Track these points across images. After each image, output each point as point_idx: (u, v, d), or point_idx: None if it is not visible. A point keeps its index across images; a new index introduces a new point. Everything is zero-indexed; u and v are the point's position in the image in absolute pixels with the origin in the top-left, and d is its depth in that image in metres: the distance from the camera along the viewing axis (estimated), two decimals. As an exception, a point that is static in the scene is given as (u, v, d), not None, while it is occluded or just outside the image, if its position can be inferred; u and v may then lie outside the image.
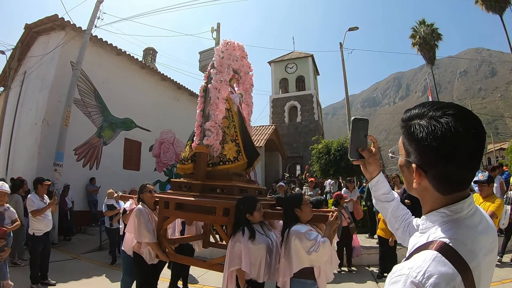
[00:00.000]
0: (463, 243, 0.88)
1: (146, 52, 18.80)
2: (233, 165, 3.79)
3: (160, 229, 3.80)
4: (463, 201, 0.95)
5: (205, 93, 4.04)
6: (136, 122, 13.72)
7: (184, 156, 4.11)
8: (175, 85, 16.10)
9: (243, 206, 3.19)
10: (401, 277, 0.82)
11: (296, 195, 3.54)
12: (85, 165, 11.39)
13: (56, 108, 10.21)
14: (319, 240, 2.93)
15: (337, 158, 12.68)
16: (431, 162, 0.91)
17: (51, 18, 10.51)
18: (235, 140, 3.91)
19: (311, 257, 2.91)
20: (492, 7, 21.38)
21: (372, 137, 1.44)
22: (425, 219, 1.01)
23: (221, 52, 4.00)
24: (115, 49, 12.47)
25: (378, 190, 1.55)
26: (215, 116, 3.81)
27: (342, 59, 19.46)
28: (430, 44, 27.16)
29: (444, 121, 0.88)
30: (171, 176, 15.36)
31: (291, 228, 3.05)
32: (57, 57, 10.61)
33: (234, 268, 3.01)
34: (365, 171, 1.54)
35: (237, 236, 3.06)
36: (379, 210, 1.63)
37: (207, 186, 3.77)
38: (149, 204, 4.01)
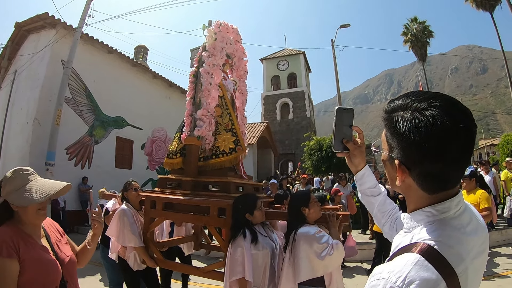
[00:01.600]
0: (449, 245, 0.81)
1: (138, 50, 18.79)
2: (229, 157, 3.40)
3: (147, 232, 3.41)
4: (450, 199, 0.88)
5: (195, 78, 3.68)
6: (128, 121, 13.77)
7: (172, 150, 3.73)
8: (166, 83, 16.18)
9: (242, 205, 2.83)
10: (380, 281, 0.77)
11: (303, 192, 3.19)
12: (77, 164, 11.43)
13: (47, 107, 10.22)
14: (331, 242, 2.60)
15: (329, 154, 12.90)
16: (415, 159, 0.84)
17: (42, 16, 10.50)
18: (232, 129, 3.53)
19: (325, 262, 2.54)
20: (483, 5, 21.64)
21: (357, 128, 1.35)
22: (409, 218, 0.95)
23: (213, 34, 3.62)
24: (106, 47, 12.48)
25: (364, 183, 1.49)
26: (208, 104, 3.46)
27: (333, 56, 19.68)
28: (422, 41, 27.49)
29: (430, 114, 0.80)
30: (163, 174, 15.37)
31: (297, 230, 2.69)
32: (47, 56, 10.61)
33: (236, 278, 2.60)
34: (350, 163, 1.45)
35: (238, 241, 2.67)
36: (365, 204, 1.55)
37: (199, 183, 3.43)
38: (134, 204, 3.64)
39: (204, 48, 3.67)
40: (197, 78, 3.65)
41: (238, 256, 2.62)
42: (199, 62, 3.69)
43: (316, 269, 2.57)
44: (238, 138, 3.48)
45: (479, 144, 57.14)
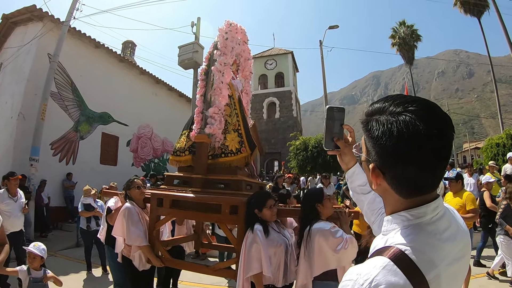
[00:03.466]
0: (421, 251, 0.82)
1: (125, 45, 18.74)
2: (236, 157, 3.44)
3: (153, 230, 3.42)
4: (426, 205, 0.88)
5: (206, 76, 3.70)
6: (114, 117, 13.80)
7: (179, 147, 3.70)
8: (153, 79, 16.23)
9: (253, 200, 2.97)
10: (349, 282, 0.80)
11: (316, 189, 3.32)
12: (61, 160, 11.45)
13: (33, 101, 10.19)
14: (345, 237, 2.73)
15: (314, 154, 13.20)
16: (388, 163, 0.85)
17: (29, 9, 10.47)
18: (238, 130, 3.57)
19: (340, 256, 2.67)
20: (471, 10, 22.14)
21: (348, 126, 1.38)
22: (386, 221, 0.95)
23: (224, 33, 3.68)
24: (94, 42, 12.50)
25: (354, 181, 1.53)
26: (219, 103, 3.50)
27: (321, 57, 19.99)
28: (410, 45, 28.13)
29: (402, 119, 0.81)
30: (148, 171, 15.48)
31: (312, 226, 2.81)
32: (34, 49, 10.60)
33: (253, 273, 2.70)
34: (341, 161, 1.50)
35: (253, 237, 2.77)
36: (355, 202, 1.60)
37: (209, 180, 3.43)
38: (138, 202, 3.60)
39: (216, 46, 3.69)
40: (207, 76, 3.68)
41: (253, 252, 2.71)
42: (210, 60, 3.72)
43: (329, 262, 2.71)
44: (243, 139, 3.52)
45: (464, 147, 58.67)
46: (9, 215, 5.20)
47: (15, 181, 5.44)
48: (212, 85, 3.58)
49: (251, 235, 2.79)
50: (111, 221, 3.89)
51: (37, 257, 3.26)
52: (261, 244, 2.72)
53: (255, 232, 2.78)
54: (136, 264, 3.45)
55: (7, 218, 5.01)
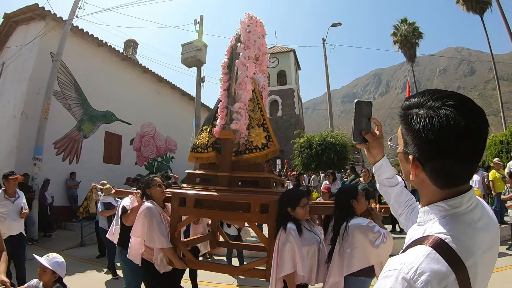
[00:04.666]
0: (459, 240, 0.85)
1: (127, 44, 18.68)
2: (262, 153, 3.29)
3: (174, 231, 3.29)
4: (462, 195, 0.91)
5: (229, 70, 3.57)
6: (117, 115, 13.74)
7: (200, 143, 3.55)
8: (156, 78, 16.16)
9: (286, 198, 2.91)
10: (393, 272, 0.82)
11: (351, 186, 3.35)
12: (64, 159, 11.37)
13: (35, 100, 10.15)
14: (382, 231, 2.73)
15: (318, 152, 13.10)
16: (428, 155, 0.89)
17: (31, 8, 10.40)
18: (263, 125, 3.44)
19: (379, 251, 2.66)
20: (473, 8, 22.00)
21: (376, 120, 1.41)
22: (423, 212, 0.99)
23: (247, 26, 3.56)
24: (96, 40, 12.42)
25: (382, 174, 1.55)
26: (244, 97, 3.40)
27: (324, 55, 19.91)
28: (411, 42, 27.91)
29: (443, 113, 0.85)
30: (152, 170, 15.45)
31: (349, 222, 2.79)
32: (36, 48, 10.53)
33: (286, 273, 2.65)
34: (369, 155, 1.53)
35: (286, 236, 2.70)
36: (382, 194, 1.62)
37: (236, 178, 3.28)
38: (159, 201, 3.43)
39: (238, 39, 3.57)
40: (230, 70, 3.54)
41: (286, 252, 2.65)
42: (231, 54, 3.61)
43: (369, 258, 2.70)
44: (269, 133, 3.40)
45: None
46: (5, 217, 4.86)
47: (13, 181, 5.04)
48: (236, 79, 3.46)
49: (284, 234, 2.72)
50: (126, 221, 3.72)
51: (47, 270, 2.70)
52: (295, 243, 2.66)
53: (289, 231, 2.71)
54: (158, 267, 3.30)
55: (2, 221, 4.76)
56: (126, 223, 3.72)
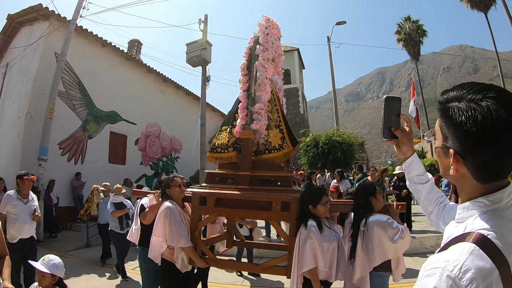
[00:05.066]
0: (502, 235, 0.83)
1: (131, 44, 18.61)
2: (279, 153, 3.35)
3: (195, 230, 3.34)
4: (502, 190, 0.90)
5: (249, 71, 3.62)
6: (122, 115, 13.66)
7: (220, 143, 3.59)
8: (160, 77, 16.07)
9: (308, 196, 2.98)
10: (436, 270, 0.80)
11: (369, 184, 3.39)
12: (69, 159, 11.30)
13: (40, 101, 10.08)
14: (401, 227, 2.81)
15: (325, 151, 12.99)
16: (470, 148, 0.87)
17: (35, 8, 10.33)
18: (279, 126, 3.50)
19: (397, 246, 2.76)
20: (477, 5, 21.90)
21: (405, 116, 1.41)
22: (462, 209, 0.97)
23: (265, 28, 3.62)
24: (100, 40, 12.34)
25: (412, 171, 1.52)
26: (264, 98, 3.47)
27: (329, 53, 19.71)
28: (415, 40, 27.85)
29: (485, 105, 0.83)
30: (157, 170, 15.37)
31: (368, 219, 2.89)
32: (40, 49, 10.46)
33: (307, 269, 2.72)
34: (398, 151, 1.51)
35: (307, 232, 2.77)
36: (412, 192, 1.61)
37: (256, 177, 3.33)
38: (178, 201, 3.46)
39: (257, 41, 3.62)
40: (250, 71, 3.60)
41: (307, 248, 2.73)
42: (250, 56, 3.66)
43: (387, 252, 2.79)
44: (284, 135, 3.45)
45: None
46: (16, 218, 4.62)
47: (29, 182, 4.82)
48: (255, 80, 3.51)
49: (305, 231, 2.79)
50: (144, 219, 3.74)
51: (46, 274, 2.58)
52: (316, 239, 2.73)
53: (309, 228, 2.78)
54: (179, 266, 3.32)
55: (13, 222, 4.56)
56: (144, 221, 3.75)
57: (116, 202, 6.22)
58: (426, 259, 0.76)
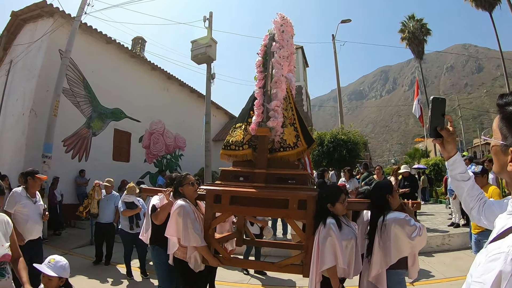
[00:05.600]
0: None
1: (135, 42, 18.57)
2: (293, 151, 3.32)
3: (208, 229, 3.29)
4: None
5: (264, 68, 3.58)
6: (126, 113, 13.63)
7: (235, 141, 3.54)
8: (165, 75, 16.03)
9: (326, 194, 2.95)
10: (500, 255, 0.86)
11: (386, 182, 3.39)
12: (74, 157, 11.26)
13: (44, 98, 10.02)
14: (418, 225, 2.82)
15: (330, 149, 12.92)
16: None
17: (39, 5, 10.28)
18: (293, 124, 3.46)
19: (414, 243, 2.77)
20: (482, 4, 21.75)
21: (449, 116, 1.51)
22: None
23: (280, 26, 3.56)
24: (105, 37, 12.30)
25: (455, 169, 1.59)
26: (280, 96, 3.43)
27: (334, 51, 19.58)
28: (419, 39, 27.66)
29: None
30: (161, 167, 15.33)
31: (386, 216, 2.89)
32: (45, 46, 10.41)
33: (328, 266, 2.71)
34: (443, 150, 1.59)
35: (327, 230, 2.76)
36: (454, 189, 1.68)
37: (272, 175, 3.28)
38: (191, 199, 3.41)
39: (272, 39, 3.56)
40: (265, 68, 3.53)
41: (327, 246, 2.71)
42: (265, 52, 3.58)
43: (403, 249, 2.80)
44: (298, 133, 3.41)
45: (474, 142, 57.94)
46: (27, 219, 4.31)
47: (40, 181, 4.54)
48: (271, 77, 3.45)
49: (324, 229, 2.77)
50: (156, 219, 3.69)
51: (53, 278, 2.47)
52: (336, 237, 2.72)
53: (328, 225, 2.76)
54: (192, 266, 3.27)
55: (24, 223, 4.25)
56: (156, 222, 3.70)
57: (128, 202, 6.11)
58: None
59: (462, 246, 6.98)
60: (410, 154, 35.41)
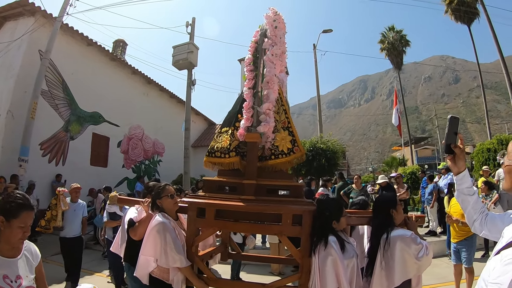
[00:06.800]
0: None
1: (116, 44, 18.48)
2: (288, 158, 3.03)
3: (191, 247, 2.96)
4: None
5: (255, 67, 3.26)
6: (105, 117, 13.66)
7: (220, 147, 3.20)
8: (145, 79, 16.14)
9: (329, 211, 2.70)
10: None
11: (390, 195, 3.20)
12: (51, 160, 11.22)
13: (22, 99, 9.99)
14: (424, 243, 2.64)
15: (309, 158, 13.19)
16: None
17: (21, 3, 10.26)
18: (288, 128, 3.19)
19: (421, 263, 2.57)
20: (461, 18, 22.66)
21: (460, 135, 1.69)
22: None
23: (273, 21, 3.23)
24: (86, 39, 12.33)
25: (463, 183, 1.75)
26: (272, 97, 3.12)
27: (315, 61, 20.05)
28: (398, 50, 28.65)
29: None
30: (139, 173, 15.33)
31: (390, 233, 2.66)
32: (25, 45, 10.39)
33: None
34: (453, 165, 1.75)
35: (328, 249, 2.54)
36: (460, 203, 1.82)
37: (263, 186, 2.98)
38: (171, 213, 3.08)
39: (264, 34, 3.26)
40: (256, 67, 3.23)
41: (328, 267, 2.49)
42: (256, 50, 3.30)
43: (409, 271, 2.59)
44: (294, 137, 3.15)
45: (450, 152, 59.97)
46: None
47: None
48: (262, 77, 3.19)
49: (324, 248, 2.56)
50: (135, 235, 3.26)
51: None
52: (337, 256, 2.51)
53: (330, 244, 2.55)
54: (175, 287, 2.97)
55: None
56: (135, 238, 3.27)
57: (111, 212, 5.87)
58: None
59: (439, 254, 7.25)
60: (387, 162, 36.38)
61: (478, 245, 7.72)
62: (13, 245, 1.97)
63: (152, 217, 3.06)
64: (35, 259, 2.17)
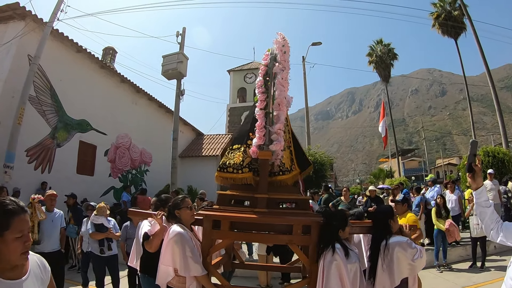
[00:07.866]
0: None
1: (106, 52, 18.52)
2: (290, 175, 3.44)
3: (207, 257, 3.18)
4: None
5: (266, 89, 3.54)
6: (92, 124, 13.62)
7: (233, 163, 3.49)
8: (134, 88, 16.17)
9: (336, 221, 3.12)
10: None
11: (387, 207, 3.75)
12: (36, 168, 11.12)
13: (9, 104, 9.92)
14: (418, 247, 3.05)
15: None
16: None
17: (12, 6, 10.20)
18: (289, 147, 3.63)
19: (416, 265, 2.99)
20: (449, 32, 23.33)
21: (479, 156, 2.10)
22: None
23: (282, 46, 3.57)
24: (76, 46, 12.34)
25: (482, 197, 2.10)
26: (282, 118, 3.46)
27: (304, 73, 20.47)
28: (386, 63, 29.37)
29: None
30: (126, 182, 15.28)
31: (389, 240, 3.09)
32: (13, 49, 10.33)
33: None
34: (473, 182, 2.12)
35: (334, 255, 2.93)
36: (478, 214, 2.18)
37: (273, 200, 3.32)
38: (188, 225, 3.26)
39: (275, 59, 3.58)
40: (267, 89, 3.52)
41: (333, 271, 2.88)
42: (267, 73, 3.57)
43: (403, 271, 3.02)
44: (292, 156, 3.60)
45: (437, 162, 61.07)
46: None
47: None
48: (273, 99, 3.49)
49: (330, 254, 2.95)
50: (151, 248, 3.38)
51: None
52: (341, 261, 2.89)
53: (336, 250, 2.95)
54: None
55: None
56: (150, 250, 3.41)
57: (97, 224, 5.70)
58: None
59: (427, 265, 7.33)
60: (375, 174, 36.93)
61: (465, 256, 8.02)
62: (16, 262, 1.58)
63: (165, 229, 3.24)
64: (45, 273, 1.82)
